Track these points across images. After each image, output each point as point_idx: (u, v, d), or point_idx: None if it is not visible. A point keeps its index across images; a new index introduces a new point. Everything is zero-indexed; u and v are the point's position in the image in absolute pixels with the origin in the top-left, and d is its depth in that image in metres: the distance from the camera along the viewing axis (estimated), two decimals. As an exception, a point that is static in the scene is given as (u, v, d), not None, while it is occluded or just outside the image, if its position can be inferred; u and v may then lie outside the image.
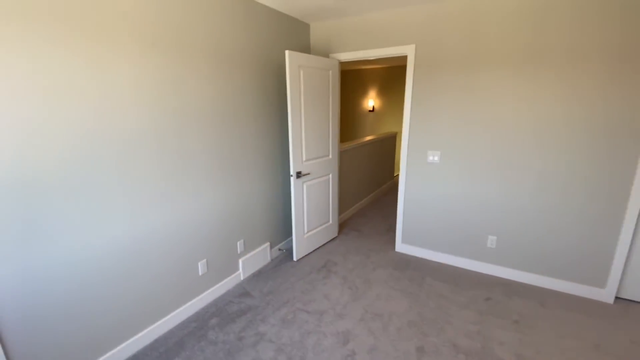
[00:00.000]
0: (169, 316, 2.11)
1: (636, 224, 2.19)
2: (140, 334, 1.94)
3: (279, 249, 3.15)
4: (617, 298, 2.39)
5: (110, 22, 1.59)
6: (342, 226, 3.88)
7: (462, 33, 2.48)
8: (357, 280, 2.67)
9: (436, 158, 2.80)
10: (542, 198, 2.43)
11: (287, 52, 2.49)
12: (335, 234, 3.55)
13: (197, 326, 2.14)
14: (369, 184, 4.67)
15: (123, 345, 1.85)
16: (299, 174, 2.82)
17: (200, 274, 2.31)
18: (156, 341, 2.00)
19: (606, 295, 2.35)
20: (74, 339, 1.62)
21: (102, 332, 1.75)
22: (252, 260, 2.79)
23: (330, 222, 3.41)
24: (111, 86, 1.63)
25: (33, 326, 1.47)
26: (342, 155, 3.80)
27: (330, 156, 3.21)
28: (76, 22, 1.46)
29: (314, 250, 3.22)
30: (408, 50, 2.71)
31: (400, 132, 5.96)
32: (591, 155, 2.22)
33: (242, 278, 2.70)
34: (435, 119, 2.73)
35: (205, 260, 2.34)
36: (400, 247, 3.19)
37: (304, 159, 2.86)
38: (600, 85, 2.11)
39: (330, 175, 3.27)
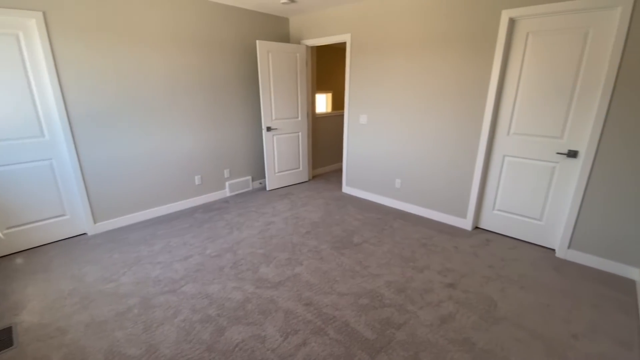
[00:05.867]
0: (175, 203, 3.58)
1: (482, 171, 2.96)
2: (156, 208, 3.44)
3: (260, 183, 4.46)
4: (476, 228, 3.19)
5: (145, 31, 2.97)
6: (318, 176, 5.03)
7: (377, 24, 3.36)
8: (299, 203, 3.86)
9: (365, 120, 3.76)
10: (426, 150, 3.28)
11: (257, 41, 3.67)
12: (306, 179, 4.73)
13: (189, 212, 3.59)
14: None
15: (149, 210, 3.37)
16: (269, 128, 4.05)
17: (196, 183, 3.74)
18: (164, 214, 3.50)
19: (466, 223, 3.17)
20: (125, 195, 3.16)
21: (137, 198, 3.27)
22: (236, 185, 4.15)
23: (301, 168, 4.59)
24: (143, 66, 3.04)
25: (105, 182, 3.01)
26: (320, 121, 4.89)
27: (300, 118, 4.35)
28: (129, 34, 2.87)
29: (283, 187, 4.46)
30: (347, 38, 3.67)
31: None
32: (455, 117, 3.02)
33: (227, 194, 4.09)
34: (363, 90, 3.68)
35: (200, 175, 3.75)
36: (345, 189, 4.25)
37: (273, 117, 4.06)
38: (456, 63, 2.89)
39: (300, 133, 4.42)
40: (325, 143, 5.14)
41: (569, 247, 2.60)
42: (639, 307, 2.05)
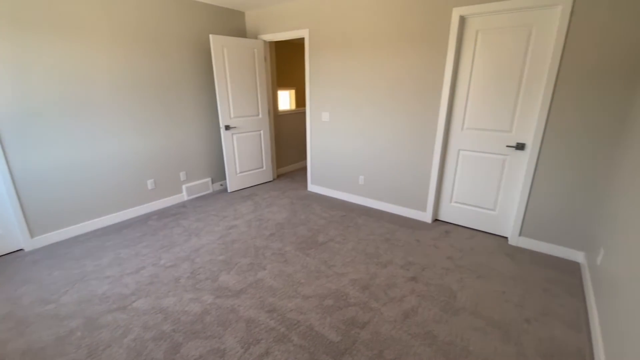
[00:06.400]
0: (126, 210, 3.32)
1: (439, 165, 3.05)
2: (105, 217, 3.17)
3: (220, 184, 4.28)
4: (436, 220, 3.28)
5: (84, 24, 2.68)
6: (283, 175, 4.93)
7: (334, 21, 3.32)
8: (264, 203, 3.75)
9: (327, 118, 3.72)
10: (387, 146, 3.31)
11: (211, 35, 3.48)
12: (271, 178, 4.61)
13: (142, 219, 3.34)
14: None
15: (96, 219, 3.09)
16: (227, 127, 3.87)
17: (149, 188, 3.49)
18: (114, 223, 3.23)
19: (426, 216, 3.25)
20: (67, 204, 2.86)
21: (81, 206, 2.98)
22: (194, 188, 3.94)
23: (264, 168, 4.47)
24: (82, 63, 2.75)
25: (43, 190, 2.70)
26: (283, 118, 4.78)
27: (260, 116, 4.22)
28: (65, 27, 2.57)
29: (246, 187, 4.32)
30: (305, 34, 3.59)
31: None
32: (413, 114, 3.06)
33: (185, 198, 3.87)
34: (324, 87, 3.63)
35: (153, 179, 3.51)
36: (311, 187, 4.20)
37: (231, 115, 3.89)
38: (412, 60, 2.93)
39: (262, 131, 4.29)
40: (289, 141, 5.04)
41: (520, 234, 2.75)
42: (584, 288, 2.21)
